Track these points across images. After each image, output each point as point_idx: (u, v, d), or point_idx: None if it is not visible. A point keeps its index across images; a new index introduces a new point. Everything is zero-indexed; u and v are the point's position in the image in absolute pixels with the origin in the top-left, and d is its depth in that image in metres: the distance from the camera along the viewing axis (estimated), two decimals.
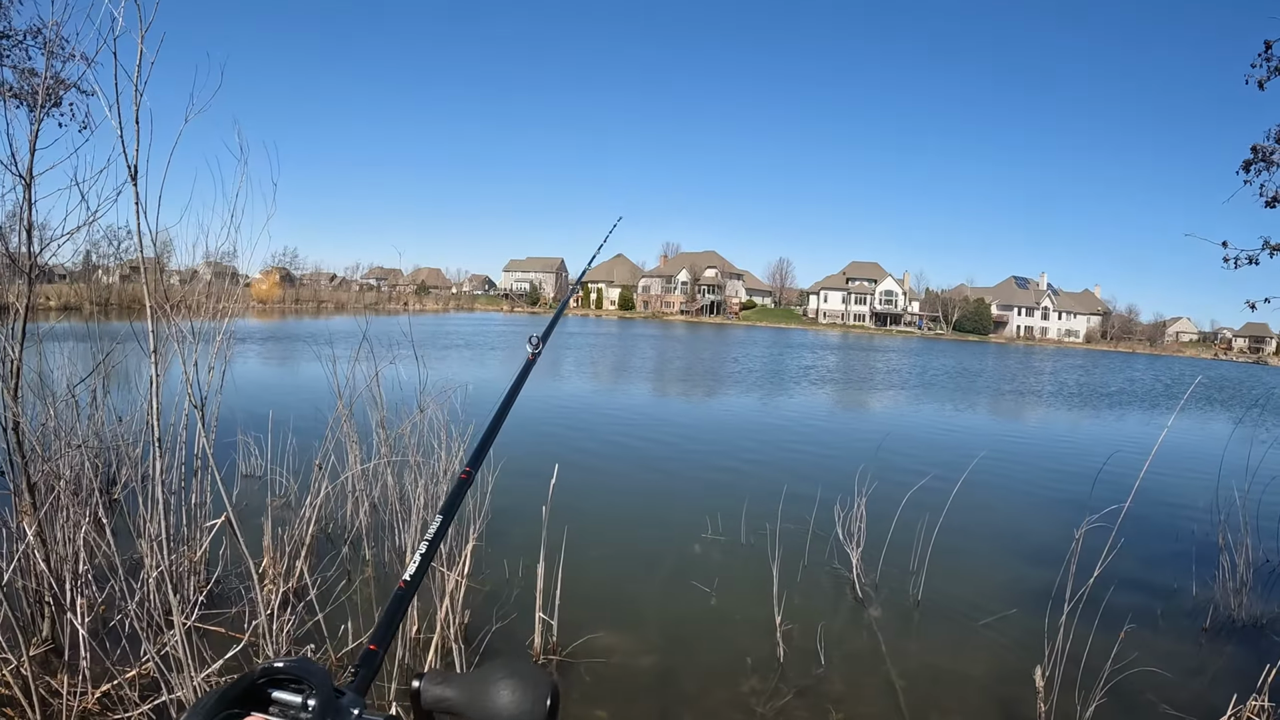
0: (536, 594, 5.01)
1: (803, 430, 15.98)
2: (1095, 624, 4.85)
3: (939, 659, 5.54)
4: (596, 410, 16.98)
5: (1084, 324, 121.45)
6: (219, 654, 3.91)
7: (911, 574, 6.85)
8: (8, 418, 4.41)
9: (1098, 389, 33.93)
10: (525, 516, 7.15)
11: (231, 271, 6.75)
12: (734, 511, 8.23)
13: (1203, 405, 28.65)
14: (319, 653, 4.57)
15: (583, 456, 11.21)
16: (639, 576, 6.71)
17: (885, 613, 6.27)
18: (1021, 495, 10.75)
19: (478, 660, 4.79)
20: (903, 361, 45.46)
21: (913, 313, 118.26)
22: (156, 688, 3.84)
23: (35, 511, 4.44)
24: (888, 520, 7.26)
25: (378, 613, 3.57)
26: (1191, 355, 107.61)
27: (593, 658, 5.10)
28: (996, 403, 25.03)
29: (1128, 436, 18.00)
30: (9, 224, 4.87)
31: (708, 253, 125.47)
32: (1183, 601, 6.93)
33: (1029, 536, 8.66)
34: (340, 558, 6.29)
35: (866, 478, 7.06)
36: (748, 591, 6.39)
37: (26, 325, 4.46)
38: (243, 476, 8.12)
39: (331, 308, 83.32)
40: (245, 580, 5.34)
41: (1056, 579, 6.43)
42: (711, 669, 5.17)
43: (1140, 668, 5.07)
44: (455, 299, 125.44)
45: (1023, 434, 17.91)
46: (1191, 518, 9.33)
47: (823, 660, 5.29)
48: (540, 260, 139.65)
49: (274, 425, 7.89)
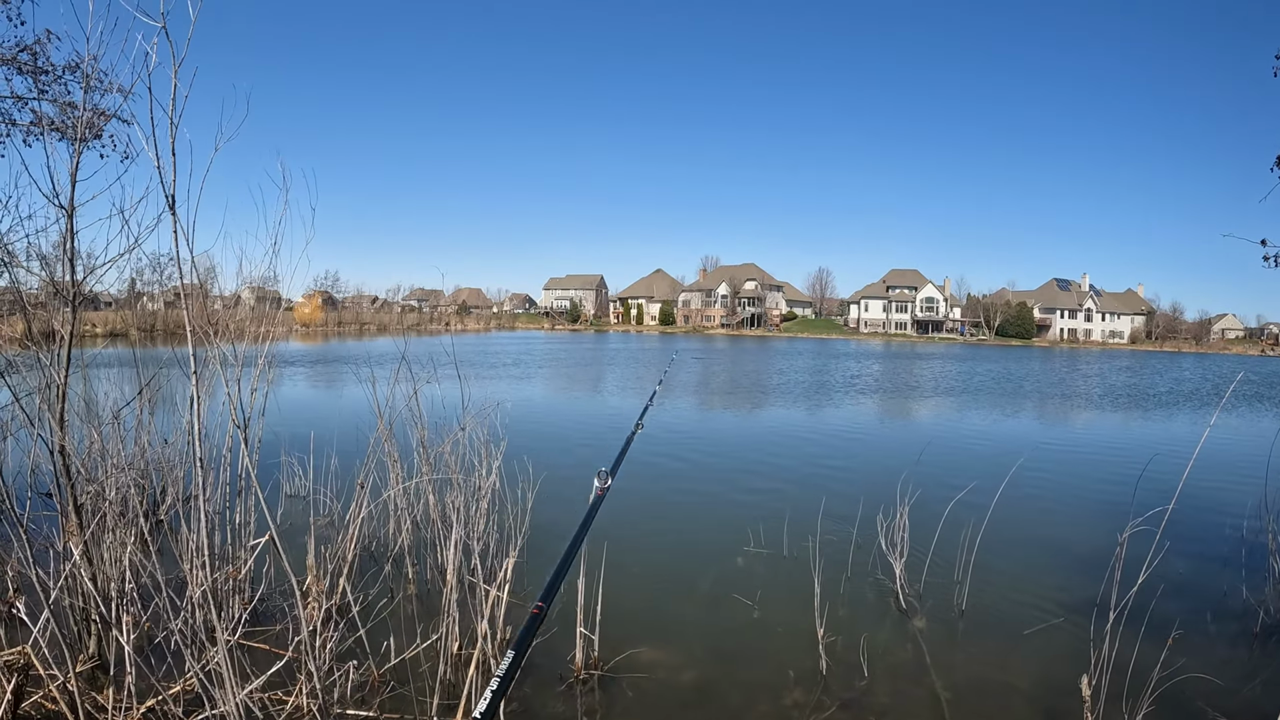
0: (578, 609, 4.99)
1: (844, 441, 15.80)
2: (1141, 631, 4.78)
3: (984, 670, 5.43)
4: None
5: (1128, 324, 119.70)
6: (262, 669, 3.95)
7: (955, 583, 6.74)
8: (54, 441, 4.50)
9: (1145, 390, 33.21)
10: (564, 531, 7.16)
11: (275, 296, 6.86)
12: (776, 523, 8.15)
13: (1251, 403, 27.97)
14: (361, 669, 4.59)
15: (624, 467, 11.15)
16: (680, 590, 6.66)
17: (929, 623, 6.14)
18: (1065, 501, 10.50)
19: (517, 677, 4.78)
20: (947, 368, 44.89)
21: (954, 319, 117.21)
22: (200, 703, 3.88)
23: (81, 532, 4.52)
24: (930, 529, 7.17)
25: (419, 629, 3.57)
26: (1238, 352, 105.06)
27: (635, 673, 5.06)
28: (1040, 407, 24.55)
29: (1174, 438, 17.58)
30: (54, 254, 4.98)
31: (747, 265, 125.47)
32: (1232, 605, 6.72)
33: (1073, 543, 8.46)
34: (383, 575, 6.34)
35: (909, 487, 6.97)
36: (790, 604, 6.28)
37: (71, 351, 4.55)
38: (286, 496, 8.22)
39: (374, 330, 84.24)
40: (289, 598, 5.39)
41: (1101, 586, 6.25)
42: (754, 682, 5.10)
43: (1189, 674, 4.97)
44: (496, 318, 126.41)
45: (1065, 438, 17.55)
46: (1238, 520, 9.09)
47: (866, 672, 5.20)
48: (580, 278, 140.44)
49: (316, 445, 7.99)
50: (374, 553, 6.96)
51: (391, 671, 4.73)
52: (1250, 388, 36.11)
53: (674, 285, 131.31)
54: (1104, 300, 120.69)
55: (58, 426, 4.47)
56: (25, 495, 6.11)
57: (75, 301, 4.53)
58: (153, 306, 62.80)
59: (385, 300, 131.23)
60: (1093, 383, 37.86)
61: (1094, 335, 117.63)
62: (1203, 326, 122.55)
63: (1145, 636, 4.78)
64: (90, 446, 5.56)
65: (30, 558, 4.12)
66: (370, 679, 4.65)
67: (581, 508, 5.11)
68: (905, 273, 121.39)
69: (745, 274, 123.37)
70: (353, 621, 4.95)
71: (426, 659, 4.92)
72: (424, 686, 4.60)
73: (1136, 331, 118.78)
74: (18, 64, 7.72)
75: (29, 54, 7.77)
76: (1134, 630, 4.69)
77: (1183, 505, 4.89)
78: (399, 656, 4.73)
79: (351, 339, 63.08)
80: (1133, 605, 4.55)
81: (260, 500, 4.25)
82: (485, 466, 6.30)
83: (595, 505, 2.04)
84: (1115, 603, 4.50)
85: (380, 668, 4.72)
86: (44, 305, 5.33)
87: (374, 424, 6.85)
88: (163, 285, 72.24)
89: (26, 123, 7.95)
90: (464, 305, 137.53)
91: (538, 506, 6.49)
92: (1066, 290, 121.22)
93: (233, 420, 4.22)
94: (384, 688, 4.61)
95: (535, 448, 9.31)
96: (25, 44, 7.78)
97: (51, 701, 4.02)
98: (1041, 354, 76.25)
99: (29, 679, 4.13)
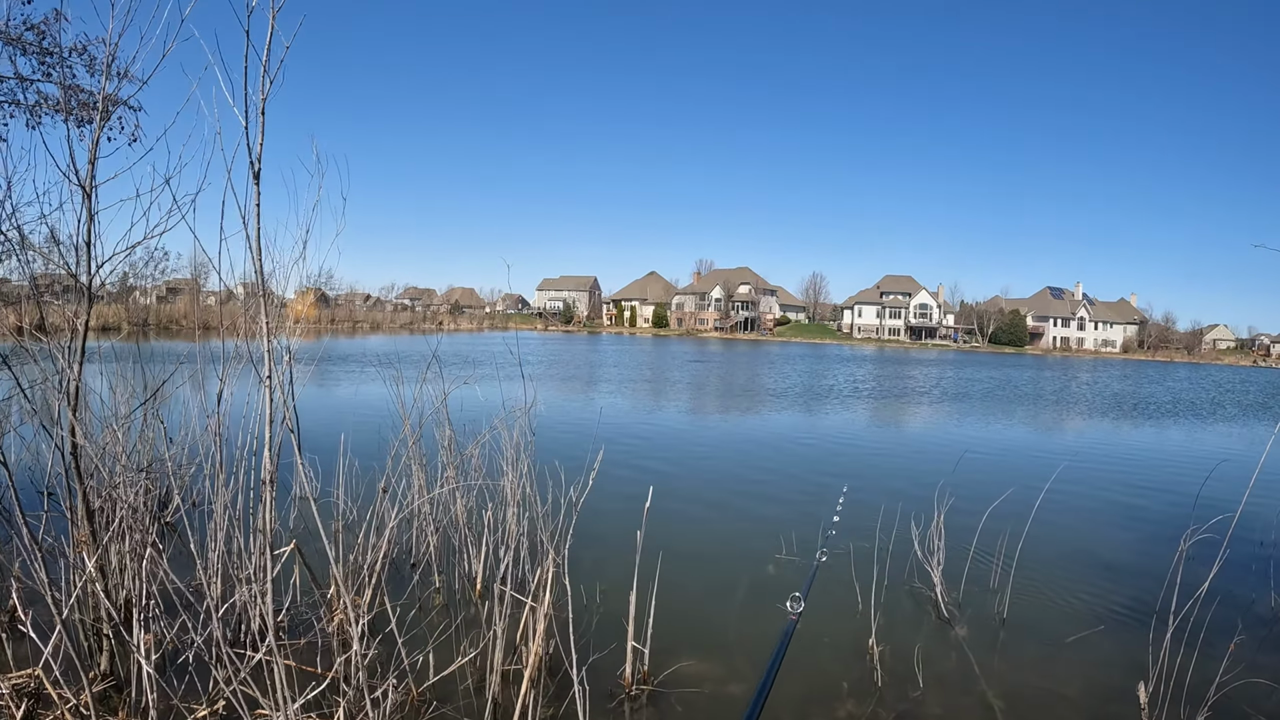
0: (629, 622, 4.70)
1: (862, 447, 15.66)
2: (1185, 638, 4.76)
3: (1032, 678, 5.29)
4: (643, 430, 16.69)
5: (1120, 333, 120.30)
6: (290, 688, 3.63)
7: (993, 591, 6.61)
8: (65, 440, 4.18)
9: (1164, 399, 33.28)
10: (598, 541, 6.92)
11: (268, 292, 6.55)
12: (807, 530, 7.98)
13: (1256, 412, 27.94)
14: (400, 687, 4.28)
15: (641, 476, 10.91)
16: (716, 599, 6.41)
17: (971, 631, 5.98)
18: (1089, 511, 10.33)
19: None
20: (946, 373, 45.00)
21: (948, 325, 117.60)
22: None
23: (94, 539, 4.21)
24: (963, 537, 7.08)
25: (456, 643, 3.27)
26: (1230, 363, 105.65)
27: (684, 687, 4.79)
28: (1047, 416, 24.47)
29: (1183, 449, 17.53)
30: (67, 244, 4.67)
31: (741, 269, 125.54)
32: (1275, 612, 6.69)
33: (1102, 551, 8.35)
34: (410, 586, 6.06)
35: (945, 494, 6.78)
36: (831, 613, 6.10)
37: (85, 344, 4.24)
38: (299, 499, 7.90)
39: (367, 328, 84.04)
40: (315, 610, 5.11)
41: (1137, 593, 6.71)
42: (806, 694, 4.87)
43: (1246, 680, 4.90)
44: (489, 318, 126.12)
45: (1081, 449, 17.36)
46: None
47: (920, 682, 5.00)
48: (573, 279, 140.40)
49: (334, 447, 7.67)
50: (396, 561, 6.67)
51: (431, 690, 4.43)
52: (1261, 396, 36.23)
53: (668, 288, 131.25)
54: (1097, 309, 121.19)
55: (71, 424, 4.15)
56: (25, 497, 5.80)
57: (90, 289, 4.22)
58: (145, 301, 62.56)
59: (378, 298, 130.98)
60: (1092, 389, 37.91)
61: (1086, 344, 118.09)
62: (1194, 337, 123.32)
63: (1191, 643, 4.80)
64: (104, 447, 5.23)
65: (42, 567, 3.79)
66: (409, 698, 4.34)
67: (620, 519, 4.89)
68: (900, 279, 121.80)
69: (739, 277, 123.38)
70: (385, 637, 4.65)
71: (469, 675, 4.63)
72: (471, 705, 4.33)
73: (1129, 341, 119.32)
74: (22, 44, 7.43)
75: (34, 33, 7.48)
76: (1178, 638, 4.67)
77: (1229, 515, 4.82)
78: (438, 674, 4.41)
79: (344, 336, 62.86)
80: (1179, 612, 4.59)
81: (294, 502, 3.96)
82: (515, 470, 6.04)
83: (788, 633, 1.78)
84: (1175, 610, 4.56)
85: (419, 685, 4.42)
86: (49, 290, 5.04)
87: (390, 424, 6.60)
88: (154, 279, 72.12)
89: (31, 103, 7.66)
90: (457, 305, 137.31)
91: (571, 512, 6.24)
92: (1060, 298, 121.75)
93: (285, 422, 3.93)
94: (425, 707, 4.31)
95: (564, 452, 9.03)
96: (32, 23, 7.50)
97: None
98: (1035, 361, 76.68)
99: (40, 700, 3.81)
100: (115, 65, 4.36)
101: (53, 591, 3.71)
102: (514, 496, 5.93)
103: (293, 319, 4.74)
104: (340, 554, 5.21)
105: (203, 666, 4.28)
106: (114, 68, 4.31)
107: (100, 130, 4.25)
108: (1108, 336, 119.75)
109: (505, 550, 5.63)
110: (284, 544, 4.89)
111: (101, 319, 43.43)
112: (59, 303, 5.11)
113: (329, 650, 4.65)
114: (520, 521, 5.98)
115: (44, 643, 3.78)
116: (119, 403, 6.30)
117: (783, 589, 6.54)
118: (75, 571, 4.18)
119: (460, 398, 6.87)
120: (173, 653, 4.57)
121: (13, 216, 4.33)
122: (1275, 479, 11.06)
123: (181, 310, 63.94)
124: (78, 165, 4.05)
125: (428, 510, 6.52)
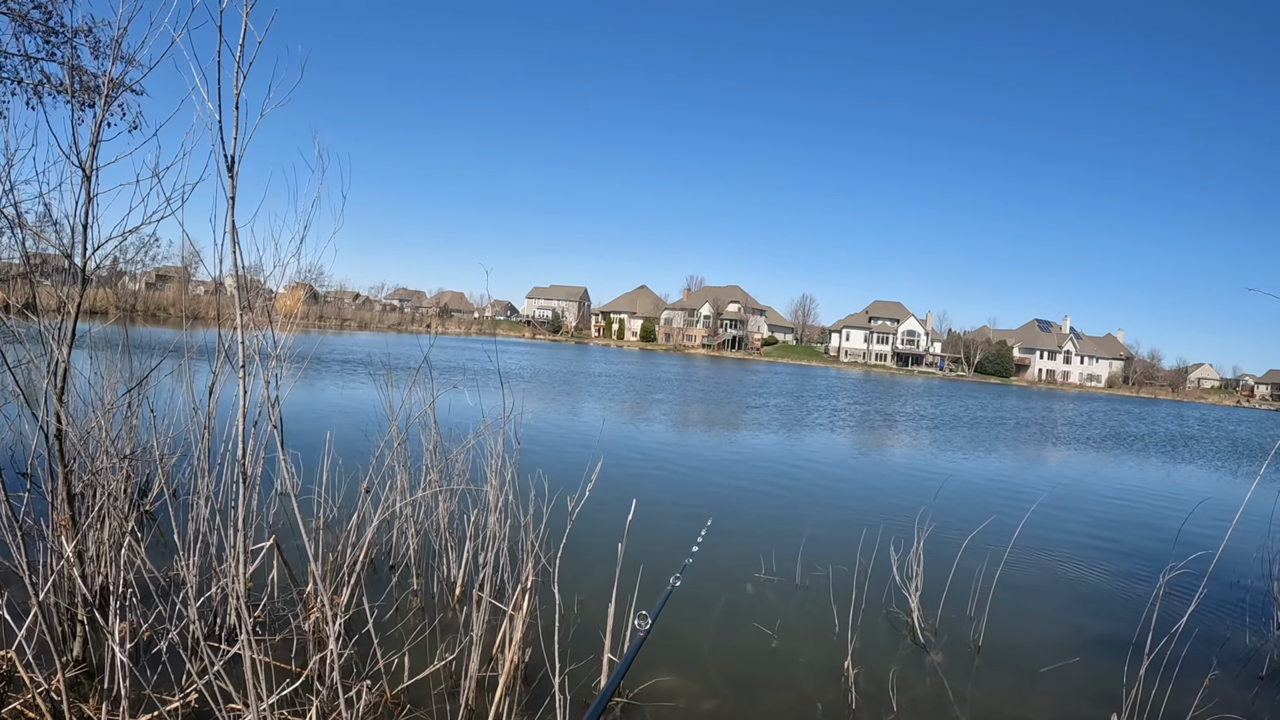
0: (605, 635, 4.69)
1: (847, 472, 15.72)
2: (1160, 672, 4.78)
3: (1005, 706, 5.32)
4: (628, 446, 16.68)
5: (1106, 369, 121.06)
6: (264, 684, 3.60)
7: (970, 618, 6.64)
8: (50, 424, 4.15)
9: (1142, 435, 33.45)
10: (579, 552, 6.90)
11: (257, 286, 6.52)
12: (787, 551, 7.96)
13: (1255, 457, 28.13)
14: (374, 689, 4.25)
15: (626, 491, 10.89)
16: (696, 616, 6.39)
17: (947, 657, 5.98)
18: (1068, 544, 10.35)
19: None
20: (934, 408, 45.16)
21: (934, 353, 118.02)
22: (199, 718, 3.55)
23: (74, 524, 4.18)
24: (942, 564, 7.08)
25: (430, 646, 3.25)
26: (1214, 401, 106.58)
27: (658, 701, 4.77)
28: (1027, 448, 24.59)
29: (1164, 486, 17.64)
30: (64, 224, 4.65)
31: (731, 287, 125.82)
32: (1237, 649, 6.79)
33: (1080, 584, 8.41)
34: (388, 587, 6.03)
35: (926, 520, 6.83)
36: (808, 634, 6.11)
37: (76, 327, 4.22)
38: (279, 495, 7.84)
39: (354, 326, 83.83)
40: (292, 607, 5.08)
41: (1113, 626, 6.87)
42: (780, 715, 4.87)
43: (1219, 715, 5.02)
44: (478, 323, 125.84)
45: (1062, 481, 17.45)
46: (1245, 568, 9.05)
47: (894, 706, 5.01)
48: (564, 288, 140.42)
49: (318, 444, 7.62)
50: (375, 561, 6.63)
51: (405, 692, 4.40)
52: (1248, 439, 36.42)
53: (657, 302, 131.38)
54: (1084, 343, 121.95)
55: (57, 408, 4.12)
56: (6, 477, 5.75)
57: (85, 270, 4.20)
58: (134, 286, 62.30)
59: (368, 297, 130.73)
60: (1099, 425, 38.10)
61: (1072, 377, 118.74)
62: (1179, 375, 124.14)
63: (1164, 677, 4.79)
64: (89, 432, 5.20)
65: (21, 549, 3.75)
66: (383, 699, 4.31)
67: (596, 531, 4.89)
68: (889, 305, 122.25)
69: (729, 296, 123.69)
70: (362, 637, 4.63)
71: (444, 680, 4.61)
72: (444, 710, 4.30)
73: (1114, 376, 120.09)
74: (29, 21, 7.39)
75: (41, 11, 7.45)
76: (1153, 671, 4.72)
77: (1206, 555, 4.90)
78: (413, 677, 4.39)
79: (332, 333, 62.65)
80: (1154, 646, 4.62)
81: (276, 498, 3.94)
82: (499, 477, 6.02)
83: (634, 649, 1.80)
84: (1151, 644, 4.59)
85: (394, 687, 4.39)
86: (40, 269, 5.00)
87: (376, 424, 6.56)
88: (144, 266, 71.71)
89: (34, 81, 7.63)
90: (445, 308, 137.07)
91: (555, 519, 6.21)
92: (1047, 331, 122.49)
93: (271, 423, 3.91)
94: (399, 709, 4.28)
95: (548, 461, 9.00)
96: (39, 1, 7.46)
97: (33, 709, 3.66)
98: (1019, 393, 76.97)
99: (11, 683, 3.78)
100: (122, 49, 4.36)
101: (30, 575, 3.66)
102: (496, 503, 5.91)
103: (281, 313, 4.71)
104: (320, 551, 5.16)
105: (176, 658, 4.24)
106: (121, 50, 4.30)
107: (105, 112, 4.23)
108: (1093, 371, 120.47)
109: (485, 557, 5.61)
110: (264, 539, 4.87)
111: (89, 302, 43.21)
112: (49, 283, 5.07)
113: (304, 648, 4.62)
114: (502, 528, 5.96)
115: (18, 625, 3.75)
116: (105, 388, 6.26)
117: (761, 608, 6.58)
118: (53, 555, 4.13)
119: (448, 402, 6.84)
120: (147, 642, 4.53)
121: (10, 193, 4.31)
122: (1257, 520, 11.10)
123: (170, 298, 63.76)
124: (79, 146, 4.03)
125: (410, 513, 6.48)
